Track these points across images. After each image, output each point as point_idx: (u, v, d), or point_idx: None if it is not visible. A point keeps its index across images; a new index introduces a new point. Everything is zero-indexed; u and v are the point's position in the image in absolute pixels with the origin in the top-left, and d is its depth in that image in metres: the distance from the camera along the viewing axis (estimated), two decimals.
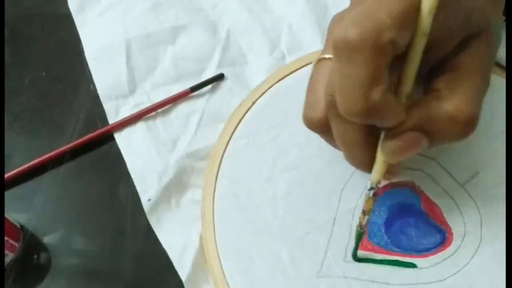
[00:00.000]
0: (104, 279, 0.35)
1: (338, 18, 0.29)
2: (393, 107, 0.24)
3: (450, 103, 0.24)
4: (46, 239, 0.36)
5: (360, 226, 0.30)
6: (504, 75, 0.35)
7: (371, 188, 0.28)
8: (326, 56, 0.27)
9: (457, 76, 0.25)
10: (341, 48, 0.22)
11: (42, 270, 0.35)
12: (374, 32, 0.22)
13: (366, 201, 0.29)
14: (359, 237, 0.31)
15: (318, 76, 0.28)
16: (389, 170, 0.27)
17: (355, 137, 0.26)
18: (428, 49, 0.24)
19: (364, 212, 0.29)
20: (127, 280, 0.35)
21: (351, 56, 0.22)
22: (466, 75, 0.25)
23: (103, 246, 0.36)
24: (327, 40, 0.29)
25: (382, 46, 0.22)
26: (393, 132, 0.25)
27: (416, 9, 0.22)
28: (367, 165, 0.27)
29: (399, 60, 0.24)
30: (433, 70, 0.26)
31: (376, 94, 0.23)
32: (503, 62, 0.34)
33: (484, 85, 0.25)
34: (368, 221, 0.30)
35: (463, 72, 0.25)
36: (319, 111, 0.27)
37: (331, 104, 0.25)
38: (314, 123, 0.28)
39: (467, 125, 0.24)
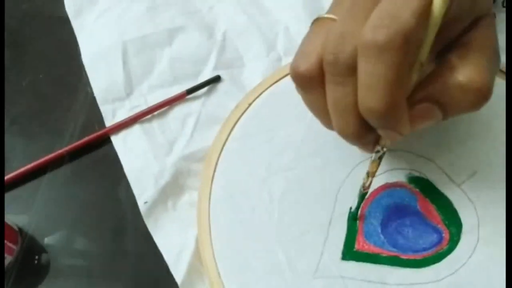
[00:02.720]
0: (104, 280, 0.35)
1: None
2: (406, 112, 0.25)
3: (463, 72, 0.25)
4: (46, 241, 0.36)
5: (363, 186, 0.31)
6: (503, 75, 0.35)
7: (377, 151, 0.28)
8: (328, 16, 0.27)
9: (469, 49, 0.25)
10: (369, 48, 0.23)
11: (41, 272, 0.35)
12: (401, 35, 0.22)
13: (371, 164, 0.29)
14: (361, 198, 0.32)
15: (317, 30, 0.27)
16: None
17: (352, 102, 0.25)
18: (441, 30, 0.24)
19: (368, 174, 0.30)
20: (127, 281, 0.35)
21: (379, 57, 0.23)
22: (478, 48, 0.25)
23: (102, 248, 0.36)
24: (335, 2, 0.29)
25: (409, 46, 0.23)
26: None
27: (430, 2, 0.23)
28: (357, 135, 0.27)
29: None
30: (446, 48, 0.26)
31: (400, 94, 0.24)
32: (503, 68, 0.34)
33: (495, 60, 0.26)
34: (371, 182, 0.30)
35: (475, 46, 0.25)
36: (312, 60, 0.26)
37: (334, 63, 0.25)
38: (303, 72, 0.26)
39: (480, 94, 0.25)
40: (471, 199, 0.32)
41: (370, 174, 0.30)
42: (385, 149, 0.28)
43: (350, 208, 0.33)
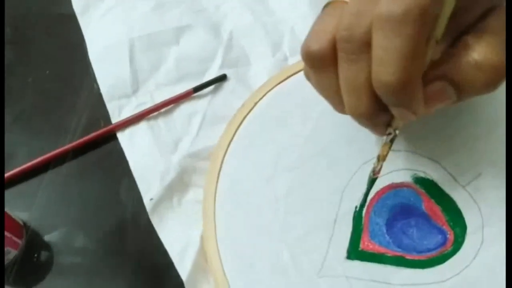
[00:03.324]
0: (105, 277, 0.35)
1: None
2: (420, 89, 0.24)
3: (478, 50, 0.24)
4: (48, 237, 0.37)
5: (373, 171, 0.30)
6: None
7: (389, 133, 0.28)
8: None
9: (484, 31, 0.25)
10: (385, 21, 0.23)
11: (43, 268, 0.35)
12: (418, 7, 0.22)
13: (382, 147, 0.28)
14: (371, 183, 0.30)
15: (329, 12, 0.27)
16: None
17: (365, 80, 0.25)
18: (455, 15, 0.24)
19: (378, 158, 0.29)
20: (128, 278, 0.35)
21: (395, 29, 0.22)
22: (493, 30, 0.25)
23: (104, 245, 0.36)
24: None
25: (425, 19, 0.22)
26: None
27: None
28: (370, 115, 0.26)
29: None
30: (460, 35, 0.26)
31: (415, 69, 0.23)
32: None
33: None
34: (381, 167, 0.29)
35: (490, 29, 0.25)
36: (324, 39, 0.25)
37: (348, 39, 0.24)
38: (315, 51, 0.26)
39: (495, 72, 0.24)
40: (476, 200, 0.32)
41: (381, 158, 0.29)
42: (397, 131, 0.28)
43: (356, 207, 0.33)
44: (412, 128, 0.34)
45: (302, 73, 0.37)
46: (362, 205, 0.33)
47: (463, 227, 0.32)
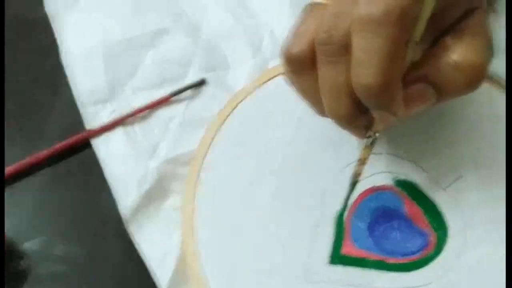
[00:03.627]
0: (84, 286, 0.35)
1: None
2: (400, 91, 0.25)
3: (457, 51, 0.25)
4: (25, 246, 0.36)
5: (355, 174, 0.30)
6: (489, 80, 0.35)
7: (369, 137, 0.28)
8: (320, 0, 0.27)
9: (463, 32, 0.25)
10: (365, 23, 0.23)
11: (20, 277, 0.35)
12: (398, 8, 0.22)
13: (363, 150, 0.28)
14: (352, 186, 0.30)
15: (309, 14, 0.27)
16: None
17: (344, 82, 0.25)
18: (435, 17, 0.25)
19: (360, 161, 0.29)
20: (109, 286, 0.35)
21: (375, 31, 0.23)
22: (472, 31, 0.25)
23: (83, 253, 0.36)
24: None
25: (405, 21, 0.23)
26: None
27: None
28: (350, 117, 0.26)
29: None
30: (439, 36, 0.26)
31: (395, 71, 0.23)
32: None
33: (489, 46, 0.26)
34: (362, 170, 0.29)
35: (469, 30, 0.25)
36: (304, 41, 0.26)
37: (327, 42, 0.24)
38: (296, 54, 0.26)
39: (474, 72, 0.25)
40: (457, 202, 0.32)
41: (362, 161, 0.29)
42: (377, 134, 0.28)
43: (338, 210, 0.33)
44: (393, 130, 0.34)
45: (282, 76, 0.38)
46: (343, 209, 0.32)
47: (445, 230, 0.32)
